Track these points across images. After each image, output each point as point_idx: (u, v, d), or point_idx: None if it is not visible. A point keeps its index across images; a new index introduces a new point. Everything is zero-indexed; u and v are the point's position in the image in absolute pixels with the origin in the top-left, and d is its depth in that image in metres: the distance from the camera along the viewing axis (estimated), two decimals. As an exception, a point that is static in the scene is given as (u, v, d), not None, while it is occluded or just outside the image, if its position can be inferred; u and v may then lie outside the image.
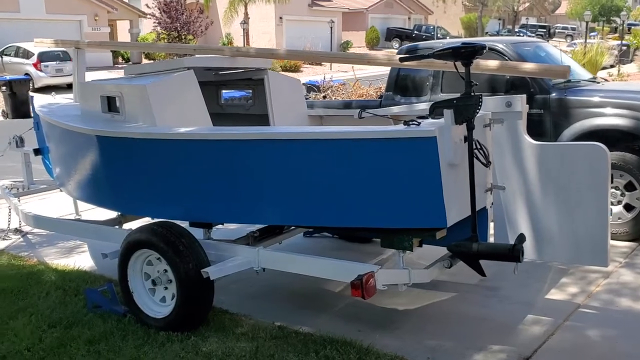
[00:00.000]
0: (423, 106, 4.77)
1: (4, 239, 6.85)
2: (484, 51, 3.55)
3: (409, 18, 50.80)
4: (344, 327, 4.19)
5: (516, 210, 4.05)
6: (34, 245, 6.74)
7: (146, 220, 5.68)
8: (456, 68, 3.62)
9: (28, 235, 7.04)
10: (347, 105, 7.46)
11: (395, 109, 4.75)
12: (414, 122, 3.52)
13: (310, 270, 3.93)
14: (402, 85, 7.05)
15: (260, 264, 4.05)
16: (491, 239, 4.20)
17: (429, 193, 3.47)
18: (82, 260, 6.04)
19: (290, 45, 36.90)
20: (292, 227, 5.07)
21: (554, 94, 6.04)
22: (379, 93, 9.01)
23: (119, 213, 5.96)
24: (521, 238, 3.63)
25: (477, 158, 3.58)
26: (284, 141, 3.83)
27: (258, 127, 4.28)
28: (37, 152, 6.88)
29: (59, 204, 7.79)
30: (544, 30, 58.87)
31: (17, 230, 7.07)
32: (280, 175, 3.85)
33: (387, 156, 3.52)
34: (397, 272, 3.77)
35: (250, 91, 6.06)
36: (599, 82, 6.71)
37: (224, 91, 6.31)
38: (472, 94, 3.51)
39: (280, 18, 38.84)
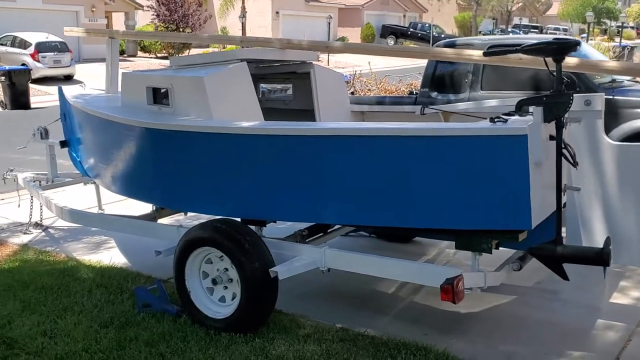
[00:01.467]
0: (494, 103, 4.63)
1: (25, 233, 6.63)
2: (578, 47, 3.42)
3: (404, 16, 50.69)
4: (409, 330, 4.06)
5: (591, 212, 3.93)
6: (57, 240, 6.53)
7: (202, 217, 5.51)
8: (546, 64, 3.48)
9: (49, 230, 6.83)
10: (380, 101, 7.33)
11: (461, 105, 4.61)
12: (500, 119, 3.39)
13: (388, 272, 3.78)
14: (439, 82, 6.90)
15: (326, 264, 3.89)
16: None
17: (515, 193, 3.34)
18: (114, 256, 5.86)
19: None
20: (339, 226, 4.93)
21: (599, 93, 5.92)
22: (409, 89, 8.91)
23: (154, 208, 5.80)
24: (608, 242, 3.51)
25: (566, 158, 3.45)
26: (356, 137, 3.67)
27: (325, 123, 4.12)
28: (63, 144, 6.65)
29: (75, 196, 7.54)
30: (537, 30, 59.05)
31: (37, 225, 6.85)
32: (349, 173, 3.69)
33: (473, 154, 3.37)
34: (475, 275, 3.64)
35: (290, 85, 5.90)
36: (637, 83, 6.62)
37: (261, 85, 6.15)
38: (563, 91, 3.38)
39: (277, 13, 38.57)
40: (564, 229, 4.06)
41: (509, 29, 56.15)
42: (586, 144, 3.90)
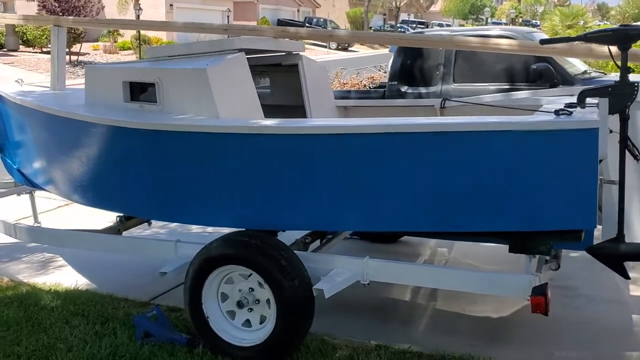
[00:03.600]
0: (524, 94, 4.41)
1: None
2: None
3: (298, 10, 50.63)
4: (452, 341, 3.76)
5: (631, 206, 3.81)
6: (-11, 260, 5.63)
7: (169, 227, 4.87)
8: (610, 53, 3.28)
9: (-25, 249, 5.88)
10: (345, 96, 6.99)
11: (487, 98, 4.35)
12: (564, 112, 3.15)
13: (449, 284, 3.42)
14: (408, 75, 6.67)
15: (369, 277, 3.49)
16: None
17: (583, 191, 3.11)
18: (71, 276, 5.12)
19: (182, 35, 35.24)
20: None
21: (578, 85, 5.94)
22: (370, 83, 8.60)
23: (118, 220, 5.11)
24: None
25: (630, 151, 3.28)
26: (400, 134, 3.28)
27: (360, 119, 3.68)
28: (-5, 149, 5.71)
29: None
30: (423, 26, 61.22)
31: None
32: (392, 175, 3.30)
33: (537, 150, 3.11)
34: None
35: (268, 79, 5.41)
36: (605, 74, 6.74)
37: None
38: (628, 81, 3.20)
39: (171, 5, 37.04)
40: (599, 226, 3.93)
41: (398, 25, 57.76)
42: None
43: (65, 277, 5.14)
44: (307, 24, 46.12)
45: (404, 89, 6.67)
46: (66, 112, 4.24)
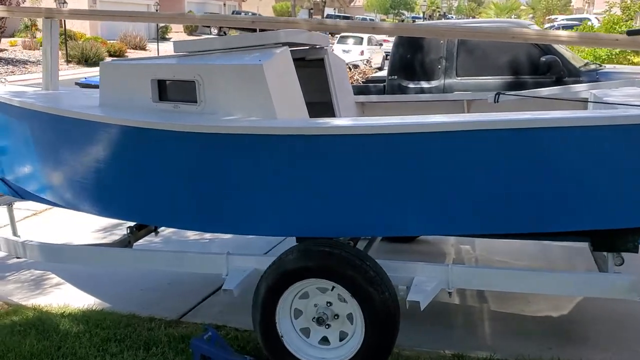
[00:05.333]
0: (581, 87, 4.30)
1: None
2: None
3: (224, 4, 49.67)
4: (527, 345, 3.61)
5: None
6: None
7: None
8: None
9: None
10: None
11: (544, 91, 4.22)
12: (650, 105, 3.06)
13: (550, 287, 3.24)
14: (409, 69, 6.52)
15: (454, 284, 3.28)
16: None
17: (677, 185, 3.04)
18: (77, 295, 4.67)
19: (108, 28, 33.93)
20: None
21: (583, 78, 5.97)
22: (361, 77, 8.31)
23: (129, 232, 4.66)
24: None
25: None
26: (482, 132, 3.05)
27: (425, 116, 3.40)
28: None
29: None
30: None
31: None
32: (474, 174, 3.08)
33: (627, 144, 2.99)
34: None
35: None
36: (602, 67, 6.82)
37: None
38: None
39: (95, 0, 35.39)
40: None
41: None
42: None
43: (69, 296, 4.64)
44: (235, 19, 45.28)
45: (404, 83, 6.51)
46: (88, 114, 3.76)
